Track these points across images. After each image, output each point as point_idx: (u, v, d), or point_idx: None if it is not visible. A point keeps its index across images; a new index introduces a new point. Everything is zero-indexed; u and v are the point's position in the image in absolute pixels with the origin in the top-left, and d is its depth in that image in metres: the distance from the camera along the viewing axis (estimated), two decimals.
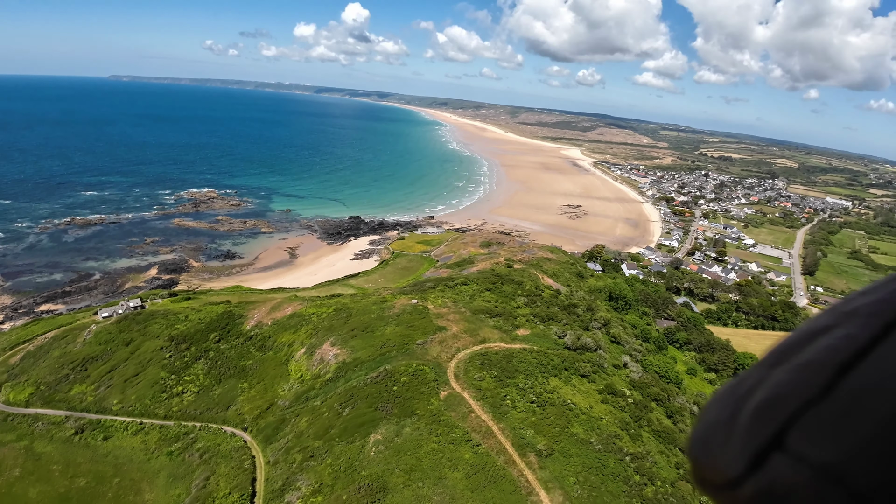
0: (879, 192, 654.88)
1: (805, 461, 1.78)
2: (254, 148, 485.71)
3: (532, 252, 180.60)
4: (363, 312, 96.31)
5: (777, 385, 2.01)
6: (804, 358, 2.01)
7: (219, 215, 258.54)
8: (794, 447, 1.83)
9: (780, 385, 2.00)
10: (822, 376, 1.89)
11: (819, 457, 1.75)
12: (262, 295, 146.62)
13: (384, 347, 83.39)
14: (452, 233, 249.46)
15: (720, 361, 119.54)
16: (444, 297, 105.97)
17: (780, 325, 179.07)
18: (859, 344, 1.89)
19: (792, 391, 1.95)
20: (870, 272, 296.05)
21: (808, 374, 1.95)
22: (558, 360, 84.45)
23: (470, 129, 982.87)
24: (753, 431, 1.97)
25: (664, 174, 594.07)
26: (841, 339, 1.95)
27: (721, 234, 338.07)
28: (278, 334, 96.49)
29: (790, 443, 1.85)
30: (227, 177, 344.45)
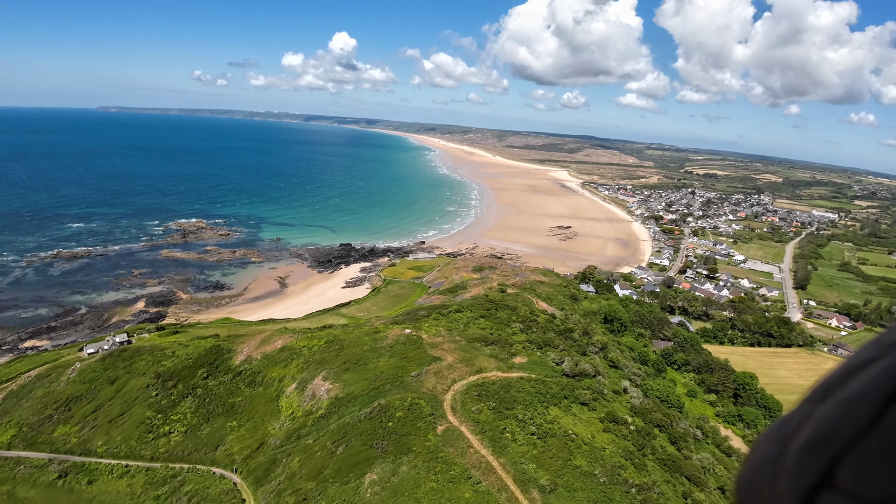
0: (864, 204, 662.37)
1: (856, 498, 1.74)
2: (243, 177, 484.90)
3: (525, 276, 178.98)
4: (355, 344, 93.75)
5: (823, 421, 1.97)
6: (849, 392, 1.98)
7: (208, 245, 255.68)
8: (843, 484, 1.79)
9: (826, 421, 1.96)
10: (868, 409, 1.86)
11: (870, 493, 1.70)
12: (252, 327, 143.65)
13: (378, 381, 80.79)
14: (444, 258, 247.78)
15: (720, 382, 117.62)
16: (437, 325, 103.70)
17: (777, 342, 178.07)
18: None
19: (839, 426, 1.90)
20: (861, 283, 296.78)
21: (853, 408, 1.91)
22: (557, 389, 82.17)
23: (458, 154, 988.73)
24: (802, 470, 1.93)
25: (651, 193, 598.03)
26: (885, 371, 1.93)
27: (711, 251, 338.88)
28: (268, 369, 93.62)
29: (839, 480, 1.81)
30: (216, 206, 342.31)
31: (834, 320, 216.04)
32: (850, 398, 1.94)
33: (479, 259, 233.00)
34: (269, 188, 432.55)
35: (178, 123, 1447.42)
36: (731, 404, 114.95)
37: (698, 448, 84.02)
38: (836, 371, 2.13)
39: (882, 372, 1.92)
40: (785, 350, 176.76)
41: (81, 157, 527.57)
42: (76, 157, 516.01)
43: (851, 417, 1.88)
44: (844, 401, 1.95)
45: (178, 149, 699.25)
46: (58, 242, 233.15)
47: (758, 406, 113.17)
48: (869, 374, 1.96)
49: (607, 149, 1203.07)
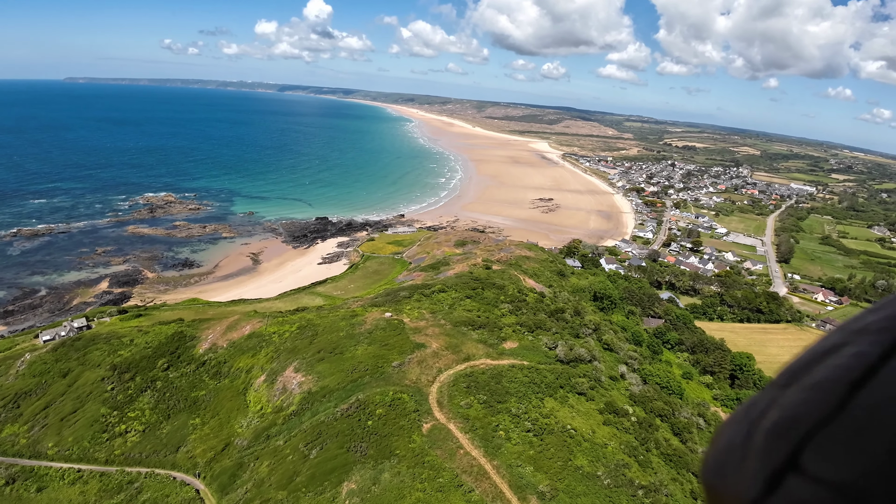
0: (841, 178, 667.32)
1: (821, 481, 1.78)
2: (215, 149, 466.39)
3: (510, 251, 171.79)
4: (330, 330, 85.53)
5: (790, 405, 2.02)
6: (816, 377, 2.02)
7: (177, 220, 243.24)
8: (809, 468, 1.83)
9: (792, 405, 2.01)
10: (834, 395, 1.90)
11: (835, 476, 1.74)
12: (221, 308, 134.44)
13: (355, 372, 72.93)
14: (424, 231, 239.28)
15: (716, 363, 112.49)
16: (420, 307, 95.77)
17: (766, 317, 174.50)
18: (870, 360, 1.90)
19: (805, 411, 1.95)
20: (843, 257, 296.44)
21: (820, 393, 1.95)
22: (552, 377, 75.32)
23: (437, 125, 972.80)
24: (768, 453, 1.97)
25: (632, 165, 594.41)
26: (852, 357, 1.96)
27: (694, 224, 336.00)
28: (235, 358, 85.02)
29: (805, 463, 1.85)
30: (186, 179, 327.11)
31: (820, 295, 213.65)
32: (816, 384, 1.99)
33: (461, 233, 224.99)
34: (242, 160, 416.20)
35: (149, 94, 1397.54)
36: (727, 386, 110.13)
37: (702, 438, 78.29)
38: (803, 356, 2.18)
39: (848, 359, 1.96)
40: (774, 326, 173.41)
41: (47, 130, 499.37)
42: (42, 131, 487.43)
43: (818, 402, 1.93)
44: (811, 386, 2.00)
45: (149, 120, 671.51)
46: (18, 220, 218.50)
47: (755, 388, 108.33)
48: (835, 360, 2.01)
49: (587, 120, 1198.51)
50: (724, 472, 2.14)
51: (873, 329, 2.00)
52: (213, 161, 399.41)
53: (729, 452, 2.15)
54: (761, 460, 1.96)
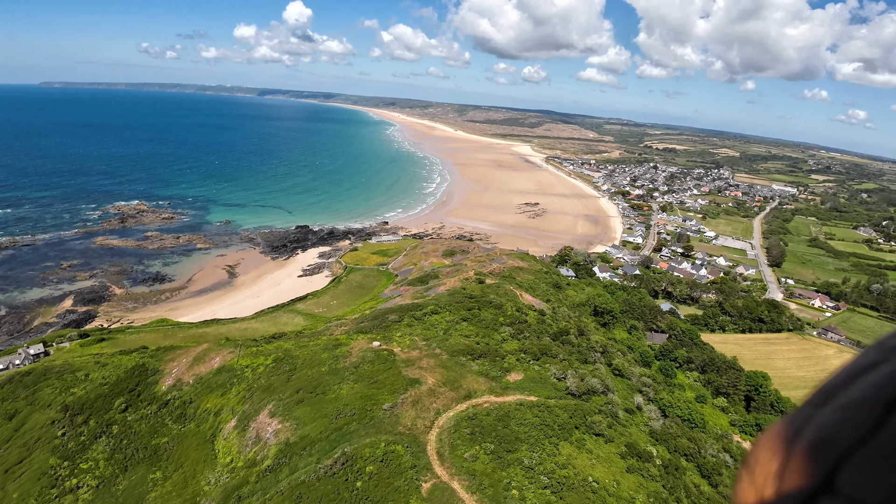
0: (821, 178, 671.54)
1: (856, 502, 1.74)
2: (193, 155, 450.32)
3: (501, 261, 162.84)
4: (311, 363, 75.28)
5: (825, 425, 1.97)
6: (852, 396, 1.98)
7: (148, 231, 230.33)
8: (844, 489, 1.79)
9: (827, 425, 1.96)
10: (870, 414, 1.86)
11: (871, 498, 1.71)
12: (191, 331, 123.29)
13: (340, 417, 62.83)
14: (410, 240, 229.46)
15: (730, 384, 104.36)
16: (412, 333, 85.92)
17: (767, 327, 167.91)
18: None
19: (840, 431, 1.91)
20: (833, 260, 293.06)
21: (855, 412, 1.91)
22: (565, 416, 66.14)
23: (419, 129, 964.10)
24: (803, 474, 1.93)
25: (615, 168, 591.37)
26: (889, 375, 1.93)
27: (682, 228, 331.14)
28: (202, 398, 74.41)
29: (840, 485, 1.80)
30: (161, 187, 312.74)
31: (817, 301, 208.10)
32: (852, 402, 1.95)
33: (449, 242, 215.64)
34: (220, 166, 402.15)
35: (127, 99, 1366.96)
36: (743, 410, 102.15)
37: (732, 478, 69.71)
38: (839, 374, 2.13)
39: (884, 377, 1.94)
40: (776, 336, 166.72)
41: (20, 136, 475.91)
42: (14, 138, 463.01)
43: (853, 422, 1.89)
44: (846, 405, 1.97)
45: (126, 126, 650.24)
46: None
47: (773, 410, 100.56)
48: (871, 378, 1.98)
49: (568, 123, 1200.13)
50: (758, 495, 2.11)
51: None
52: (189, 167, 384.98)
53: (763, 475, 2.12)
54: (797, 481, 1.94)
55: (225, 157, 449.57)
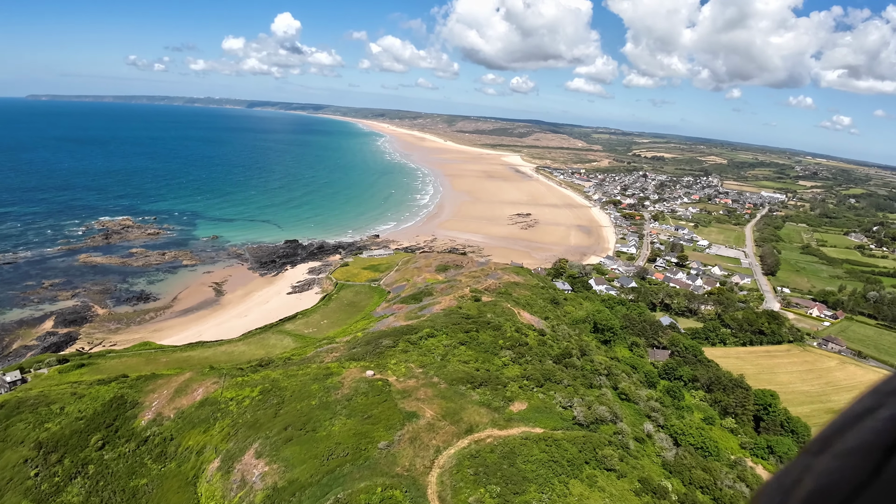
0: (808, 184, 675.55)
1: None
2: (181, 168, 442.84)
3: (496, 275, 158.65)
4: (300, 396, 70.18)
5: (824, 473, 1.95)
6: (849, 443, 1.97)
7: (133, 247, 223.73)
8: None
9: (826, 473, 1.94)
10: (868, 460, 1.85)
11: None
12: (174, 355, 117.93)
13: (332, 458, 57.81)
14: (402, 254, 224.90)
15: (738, 404, 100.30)
16: (408, 360, 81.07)
17: (768, 339, 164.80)
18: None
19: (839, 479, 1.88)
20: (827, 267, 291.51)
21: (853, 459, 1.89)
22: (574, 450, 61.64)
23: (409, 140, 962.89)
24: None
25: (605, 177, 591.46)
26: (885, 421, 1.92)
27: (675, 237, 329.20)
28: (183, 434, 69.13)
29: None
30: (147, 201, 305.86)
31: (815, 310, 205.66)
32: (850, 449, 1.94)
33: (442, 256, 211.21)
34: (208, 180, 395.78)
35: (114, 112, 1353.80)
36: (752, 430, 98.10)
37: None
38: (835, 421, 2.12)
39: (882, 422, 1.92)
40: (777, 348, 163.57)
41: (5, 151, 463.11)
42: (1, 153, 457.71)
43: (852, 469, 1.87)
44: (844, 452, 1.95)
45: (113, 139, 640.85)
46: None
47: (784, 431, 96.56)
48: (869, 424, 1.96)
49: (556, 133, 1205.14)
50: None
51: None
52: (177, 182, 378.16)
53: None
54: None
55: (213, 171, 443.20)
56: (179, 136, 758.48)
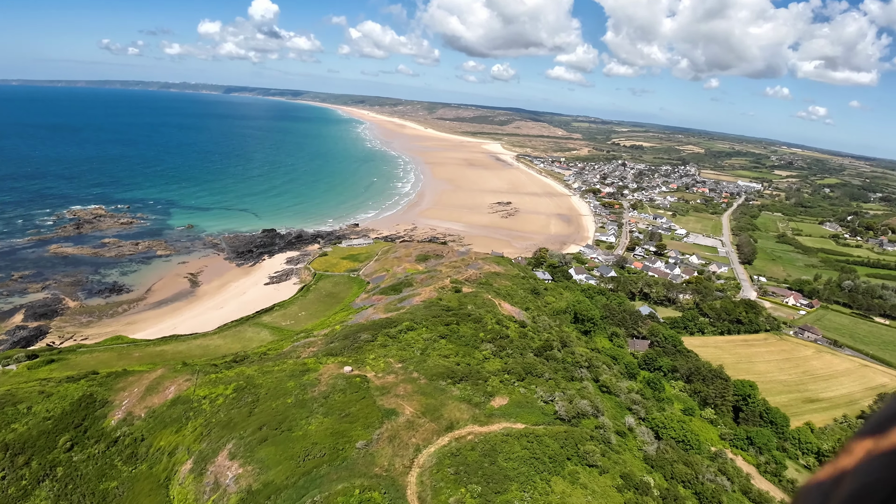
0: (784, 174, 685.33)
1: None
2: (156, 155, 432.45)
3: (477, 265, 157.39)
4: (276, 394, 68.16)
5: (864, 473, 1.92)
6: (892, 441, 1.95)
7: (106, 237, 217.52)
8: None
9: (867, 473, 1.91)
10: None
11: None
12: (147, 349, 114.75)
13: (309, 459, 56.16)
14: (381, 243, 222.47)
15: (718, 395, 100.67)
16: (386, 355, 79.41)
17: (745, 328, 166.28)
18: None
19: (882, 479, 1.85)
20: (802, 256, 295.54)
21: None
22: (556, 446, 60.78)
23: (389, 127, 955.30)
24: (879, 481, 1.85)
25: (585, 165, 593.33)
26: None
27: (653, 226, 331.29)
28: (155, 434, 66.74)
29: None
30: (120, 190, 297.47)
31: (791, 298, 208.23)
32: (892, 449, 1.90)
33: (422, 245, 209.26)
34: (183, 168, 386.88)
35: (88, 97, 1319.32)
36: (731, 420, 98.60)
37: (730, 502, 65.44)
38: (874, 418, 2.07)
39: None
40: (754, 337, 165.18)
41: None
42: None
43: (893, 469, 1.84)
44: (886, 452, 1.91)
45: (87, 126, 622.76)
46: None
47: (763, 422, 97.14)
48: None
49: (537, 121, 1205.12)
50: None
51: None
52: (151, 169, 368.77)
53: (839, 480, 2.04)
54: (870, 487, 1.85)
55: (189, 159, 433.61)
56: (155, 123, 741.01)
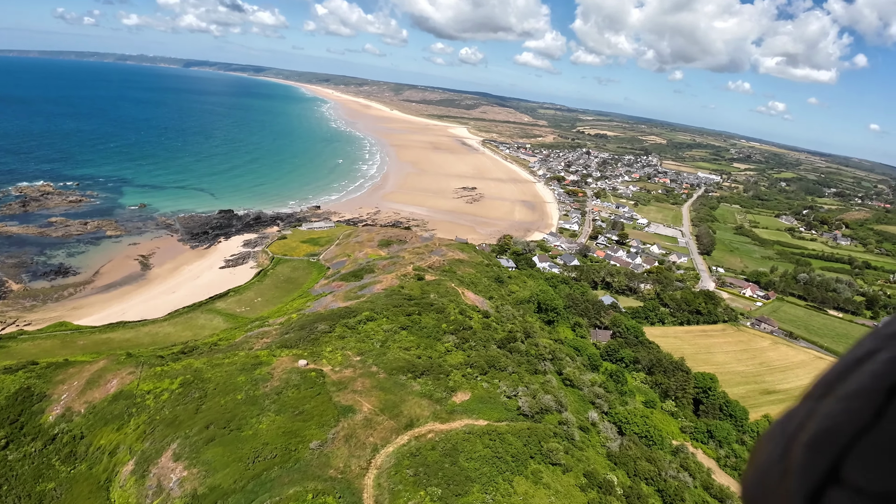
0: (742, 167, 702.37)
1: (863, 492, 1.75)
2: (110, 130, 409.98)
3: (441, 252, 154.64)
4: (225, 389, 64.10)
5: (827, 417, 1.98)
6: (851, 386, 1.99)
7: (53, 216, 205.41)
8: (850, 479, 1.80)
9: (830, 416, 1.97)
10: (871, 402, 1.87)
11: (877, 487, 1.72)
12: (93, 337, 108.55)
13: (259, 461, 52.65)
14: (343, 226, 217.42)
15: (678, 387, 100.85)
16: (345, 347, 75.92)
17: (704, 318, 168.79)
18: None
19: (843, 421, 1.91)
20: (758, 248, 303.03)
21: (857, 401, 1.92)
22: (519, 444, 58.90)
23: (354, 107, 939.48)
24: (808, 468, 1.94)
25: (550, 152, 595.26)
26: (886, 363, 1.94)
27: (615, 214, 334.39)
28: (95, 432, 61.97)
29: (846, 475, 1.81)
30: (70, 166, 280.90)
31: (748, 290, 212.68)
32: (852, 392, 1.96)
33: (385, 230, 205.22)
34: (138, 143, 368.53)
35: (41, 68, 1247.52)
36: (692, 413, 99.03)
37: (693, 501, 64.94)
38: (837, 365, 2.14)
39: (883, 364, 1.94)
40: (713, 327, 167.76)
41: None
42: None
43: (855, 411, 1.90)
44: (847, 395, 1.97)
45: (39, 98, 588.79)
46: None
47: (722, 415, 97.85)
48: (870, 367, 1.98)
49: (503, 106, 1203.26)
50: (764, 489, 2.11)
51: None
52: (105, 145, 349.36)
53: (768, 470, 2.11)
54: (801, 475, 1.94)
55: (146, 134, 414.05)
56: (110, 96, 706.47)
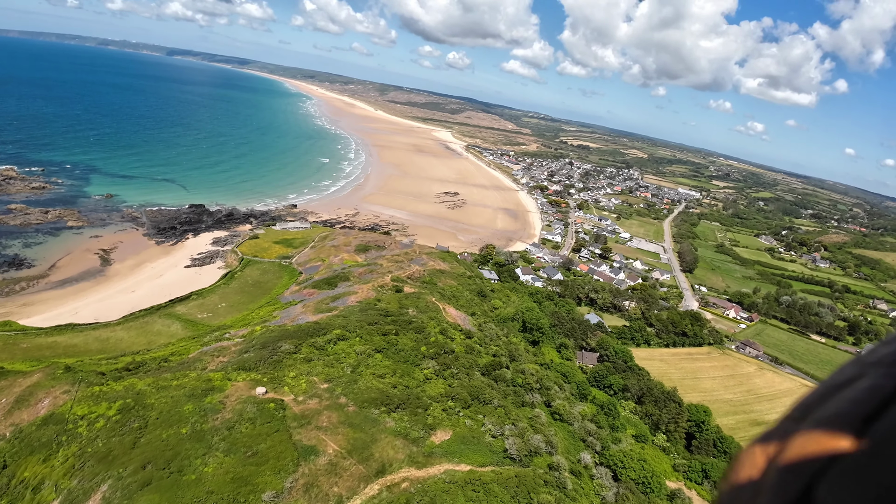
0: (721, 184, 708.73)
1: None
2: (84, 116, 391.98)
3: (421, 261, 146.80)
4: (169, 419, 55.10)
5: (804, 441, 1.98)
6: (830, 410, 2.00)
7: (13, 202, 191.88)
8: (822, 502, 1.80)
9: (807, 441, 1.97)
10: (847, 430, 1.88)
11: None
12: (38, 340, 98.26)
13: None
14: (320, 228, 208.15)
15: (671, 420, 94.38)
16: (310, 372, 67.27)
17: (690, 341, 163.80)
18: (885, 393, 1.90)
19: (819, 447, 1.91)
20: (740, 267, 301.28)
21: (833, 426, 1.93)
22: (507, 496, 51.23)
23: (338, 105, 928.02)
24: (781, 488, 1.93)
25: (533, 161, 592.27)
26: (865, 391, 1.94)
27: (598, 227, 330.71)
28: (19, 462, 52.46)
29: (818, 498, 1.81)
30: (37, 150, 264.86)
31: (732, 311, 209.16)
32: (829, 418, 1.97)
33: (363, 234, 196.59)
34: (112, 131, 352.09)
35: (18, 48, 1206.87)
36: (684, 448, 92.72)
37: None
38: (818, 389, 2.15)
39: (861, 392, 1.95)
40: (698, 350, 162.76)
41: None
42: None
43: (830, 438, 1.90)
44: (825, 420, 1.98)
45: (13, 79, 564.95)
46: None
47: (717, 451, 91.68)
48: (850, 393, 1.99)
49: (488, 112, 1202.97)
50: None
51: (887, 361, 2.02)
52: (77, 131, 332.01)
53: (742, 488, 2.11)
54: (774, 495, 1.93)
55: (121, 122, 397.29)
56: (89, 81, 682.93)
